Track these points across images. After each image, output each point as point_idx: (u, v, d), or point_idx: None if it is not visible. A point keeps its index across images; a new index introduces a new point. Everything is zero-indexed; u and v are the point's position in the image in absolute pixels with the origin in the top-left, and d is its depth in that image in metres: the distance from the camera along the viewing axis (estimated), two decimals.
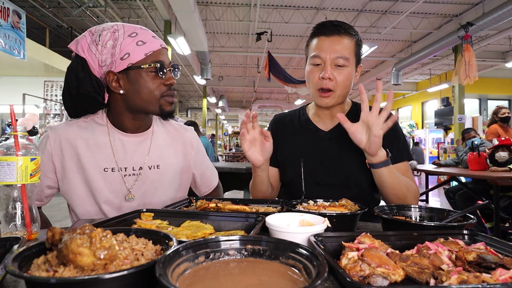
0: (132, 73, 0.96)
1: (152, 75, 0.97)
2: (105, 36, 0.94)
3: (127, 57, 0.94)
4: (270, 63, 8.06)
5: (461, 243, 0.59)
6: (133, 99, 0.99)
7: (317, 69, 1.13)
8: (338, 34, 1.10)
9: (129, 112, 1.02)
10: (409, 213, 0.88)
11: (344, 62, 1.09)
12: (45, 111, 8.87)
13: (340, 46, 1.10)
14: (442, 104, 13.21)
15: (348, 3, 7.73)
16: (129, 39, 0.95)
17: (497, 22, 6.51)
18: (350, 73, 1.12)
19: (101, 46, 0.94)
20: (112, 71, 0.96)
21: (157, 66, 0.96)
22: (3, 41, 5.02)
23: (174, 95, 1.04)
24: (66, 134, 1.01)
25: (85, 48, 0.96)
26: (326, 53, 1.10)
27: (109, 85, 0.97)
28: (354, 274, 0.49)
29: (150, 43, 0.97)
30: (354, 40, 1.13)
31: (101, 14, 8.15)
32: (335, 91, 1.11)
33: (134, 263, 0.45)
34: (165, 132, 1.15)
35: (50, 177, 1.01)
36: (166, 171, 1.10)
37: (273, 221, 0.66)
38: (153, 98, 0.98)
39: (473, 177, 3.87)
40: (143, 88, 0.97)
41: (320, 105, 1.16)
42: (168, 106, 1.02)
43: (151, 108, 1.00)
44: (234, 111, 22.83)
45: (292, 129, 1.28)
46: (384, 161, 1.01)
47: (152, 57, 0.97)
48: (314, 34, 1.16)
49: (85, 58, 0.96)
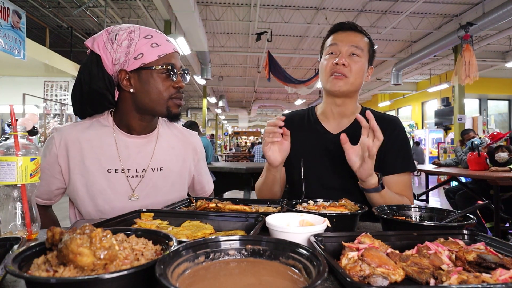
0: (144, 73, 0.98)
1: (163, 76, 0.99)
2: (121, 36, 0.97)
3: (140, 57, 0.97)
4: (270, 63, 8.07)
5: (461, 243, 0.59)
6: (142, 99, 1.00)
7: (332, 57, 1.15)
8: (355, 30, 1.16)
9: (136, 112, 1.04)
10: (409, 213, 0.88)
11: (359, 52, 1.13)
12: (45, 111, 8.87)
13: (356, 39, 1.14)
14: (442, 104, 13.21)
15: (348, 3, 7.73)
16: (144, 40, 0.98)
17: (497, 22, 6.51)
18: (363, 65, 1.14)
19: (117, 44, 0.97)
20: (125, 69, 0.98)
21: (168, 68, 0.99)
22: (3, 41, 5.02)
23: (182, 98, 1.05)
24: (71, 135, 1.03)
25: (101, 45, 0.99)
26: (342, 42, 1.13)
27: (120, 83, 1.00)
28: (354, 274, 0.49)
29: (164, 46, 1.00)
30: (368, 41, 1.18)
31: (101, 14, 8.15)
32: (349, 77, 1.12)
33: (134, 263, 0.45)
34: (170, 135, 1.16)
35: (57, 177, 1.03)
36: (169, 174, 1.10)
37: (273, 221, 0.66)
38: (161, 99, 1.00)
39: (473, 177, 3.87)
40: (153, 88, 0.99)
41: (333, 89, 1.14)
42: (175, 108, 1.03)
43: (159, 109, 1.02)
44: (234, 111, 22.83)
45: (300, 129, 1.27)
46: (374, 188, 1.01)
47: (165, 59, 0.99)
48: (331, 32, 1.20)
49: (100, 55, 0.99)
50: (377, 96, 17.80)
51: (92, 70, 0.99)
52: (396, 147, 1.15)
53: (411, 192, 1.16)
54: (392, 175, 1.14)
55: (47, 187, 1.04)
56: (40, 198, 1.05)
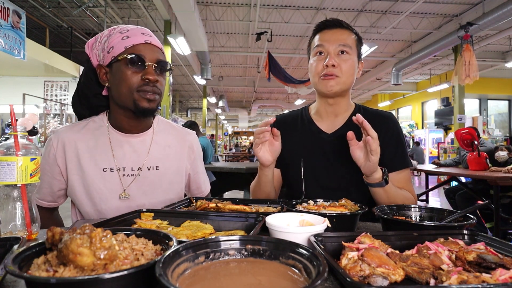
0: (114, 66, 0.98)
1: (129, 67, 0.96)
2: (103, 34, 1.01)
3: (111, 50, 0.98)
4: (270, 63, 8.05)
5: (461, 243, 0.59)
6: (114, 93, 1.00)
7: (321, 58, 1.14)
8: (340, 27, 1.15)
9: (119, 109, 1.03)
10: (409, 213, 0.88)
11: (347, 49, 1.12)
12: (45, 111, 8.87)
13: (343, 36, 1.13)
14: (442, 104, 13.20)
15: (348, 3, 7.73)
16: (118, 35, 0.98)
17: (497, 22, 6.51)
18: (353, 62, 1.14)
19: (98, 42, 1.01)
20: (102, 64, 1.01)
21: (132, 58, 0.94)
22: (3, 41, 5.02)
23: (153, 92, 0.98)
24: (68, 136, 1.04)
25: (89, 46, 1.04)
26: (330, 42, 1.12)
27: (99, 78, 1.02)
28: (354, 274, 0.49)
29: (134, 38, 0.97)
30: (355, 37, 1.17)
31: (101, 14, 8.14)
32: (340, 77, 1.12)
33: (134, 263, 0.45)
34: (166, 133, 1.15)
35: (58, 179, 1.04)
36: (165, 172, 1.10)
37: (273, 221, 0.66)
38: (128, 91, 0.96)
39: (473, 177, 3.87)
40: (120, 81, 0.97)
41: (324, 90, 1.14)
42: (143, 102, 0.97)
43: (127, 103, 0.98)
44: (234, 111, 22.82)
45: (294, 129, 1.27)
46: (378, 183, 1.00)
47: (131, 49, 0.96)
48: (317, 31, 1.18)
49: (89, 55, 1.04)
50: (377, 96, 17.80)
51: (87, 73, 1.04)
52: (393, 144, 1.16)
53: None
54: (393, 173, 1.14)
55: (50, 189, 1.04)
56: (45, 201, 1.06)
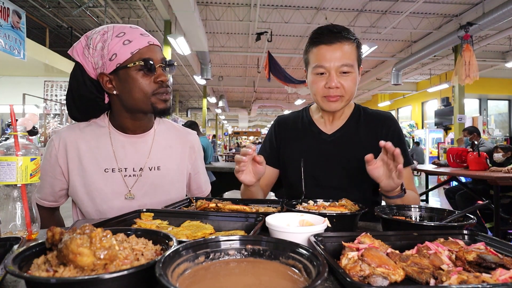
0: (121, 73, 0.96)
1: (140, 73, 0.96)
2: (95, 39, 0.96)
3: (114, 58, 0.94)
4: (270, 63, 8.05)
5: (461, 243, 0.59)
6: (126, 99, 0.99)
7: (322, 78, 1.11)
8: (339, 41, 1.09)
9: (126, 112, 1.03)
10: (409, 213, 0.88)
11: (348, 69, 1.09)
12: (45, 111, 8.87)
13: (343, 54, 1.08)
14: (442, 104, 13.20)
15: (348, 3, 7.73)
16: (116, 40, 0.95)
17: (497, 22, 6.51)
18: (355, 78, 1.12)
19: (92, 49, 0.96)
20: (104, 72, 0.97)
21: (142, 64, 0.94)
22: (3, 41, 5.02)
23: (167, 92, 1.00)
24: (69, 136, 1.04)
25: (79, 53, 0.98)
26: (330, 62, 1.08)
27: (103, 87, 0.98)
28: (354, 274, 0.49)
29: (137, 41, 0.96)
30: (354, 44, 1.12)
31: (101, 14, 8.14)
32: (344, 96, 1.11)
33: (134, 263, 0.45)
34: (167, 133, 1.15)
35: (59, 179, 1.04)
36: (166, 173, 1.10)
37: (273, 221, 0.66)
38: (144, 96, 0.97)
39: (473, 177, 3.87)
40: (133, 87, 0.96)
41: (329, 110, 1.15)
42: (161, 104, 0.99)
43: (144, 107, 0.99)
44: (234, 111, 22.82)
45: (295, 131, 1.27)
46: (398, 195, 0.99)
47: (139, 54, 0.95)
48: (314, 43, 1.12)
49: (81, 62, 0.98)
50: (377, 96, 17.80)
51: (78, 79, 0.99)
52: (394, 144, 1.15)
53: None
54: None
55: (51, 189, 1.05)
56: (46, 201, 1.06)
